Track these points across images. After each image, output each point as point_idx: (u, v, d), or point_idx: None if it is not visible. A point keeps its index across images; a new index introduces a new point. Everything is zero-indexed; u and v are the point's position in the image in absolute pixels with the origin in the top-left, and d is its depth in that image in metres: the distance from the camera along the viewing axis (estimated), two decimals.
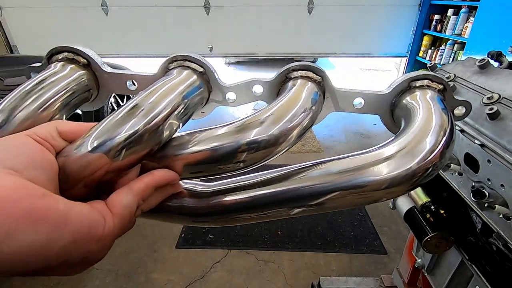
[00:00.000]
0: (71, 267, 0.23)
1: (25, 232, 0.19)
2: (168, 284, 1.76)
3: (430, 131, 0.30)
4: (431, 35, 3.75)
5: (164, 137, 0.29)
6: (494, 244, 0.58)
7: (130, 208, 0.26)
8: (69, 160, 0.25)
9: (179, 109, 0.31)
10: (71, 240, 0.21)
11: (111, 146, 0.25)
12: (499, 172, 0.54)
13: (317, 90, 0.36)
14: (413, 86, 0.36)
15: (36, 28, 3.87)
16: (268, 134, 0.30)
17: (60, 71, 0.35)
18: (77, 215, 0.22)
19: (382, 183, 0.29)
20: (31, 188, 0.21)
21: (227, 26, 3.91)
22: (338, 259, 1.91)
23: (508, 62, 0.68)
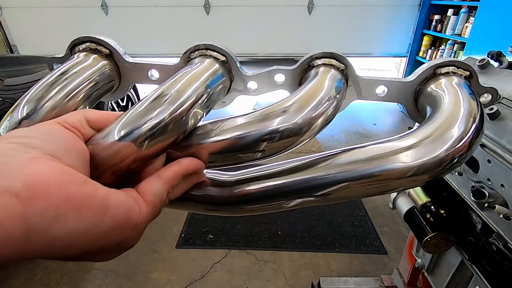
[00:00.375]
0: (108, 252, 0.23)
1: (70, 218, 0.19)
2: (168, 284, 1.76)
3: (459, 118, 0.29)
4: (431, 35, 3.75)
5: (189, 126, 0.29)
6: (494, 244, 0.58)
7: (161, 196, 0.26)
8: (98, 148, 0.25)
9: (203, 98, 0.31)
10: (111, 226, 0.21)
11: (139, 134, 0.26)
12: (499, 172, 0.54)
13: (341, 78, 0.35)
14: (439, 73, 0.35)
15: (36, 28, 3.87)
16: (292, 122, 0.29)
17: (84, 61, 0.35)
18: (116, 201, 0.22)
19: (407, 171, 0.28)
20: (73, 174, 0.21)
21: (227, 26, 3.91)
22: (338, 259, 1.91)
23: (508, 62, 0.68)
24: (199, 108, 0.30)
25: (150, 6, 3.76)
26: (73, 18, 3.83)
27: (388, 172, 0.28)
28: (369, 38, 4.01)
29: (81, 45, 0.37)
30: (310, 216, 2.26)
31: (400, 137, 0.30)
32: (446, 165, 0.28)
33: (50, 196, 0.19)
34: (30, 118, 0.29)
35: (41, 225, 0.18)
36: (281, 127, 0.29)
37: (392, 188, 0.30)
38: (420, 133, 0.29)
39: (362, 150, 0.31)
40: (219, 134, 0.30)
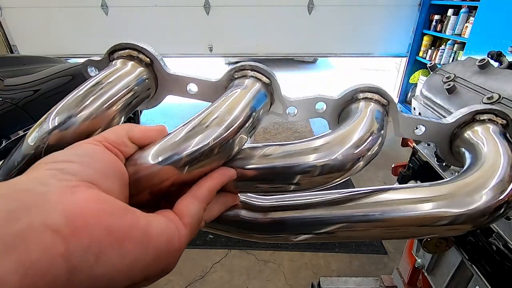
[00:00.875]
0: (149, 281, 0.22)
1: (113, 253, 0.18)
2: (168, 284, 1.76)
3: (499, 168, 0.30)
4: (431, 35, 3.75)
5: (233, 152, 0.29)
6: (494, 244, 0.58)
7: (198, 216, 0.25)
8: (137, 168, 0.25)
9: (249, 122, 0.30)
10: (154, 256, 0.20)
11: (180, 158, 0.25)
12: None
13: (383, 114, 0.35)
14: (478, 120, 0.36)
15: (36, 28, 3.87)
16: (333, 158, 0.29)
17: (122, 68, 0.34)
18: (157, 230, 0.21)
19: (444, 219, 0.28)
20: (113, 203, 0.20)
21: (227, 26, 3.90)
22: (338, 259, 1.91)
23: (508, 62, 0.68)
24: (244, 133, 0.29)
25: (150, 6, 3.75)
26: (73, 18, 3.82)
27: (428, 218, 0.28)
28: (369, 38, 4.00)
29: (121, 51, 0.36)
30: None
31: (442, 183, 0.30)
32: (489, 215, 0.28)
33: (91, 230, 0.17)
34: (63, 128, 0.27)
35: (84, 263, 0.17)
36: (322, 162, 0.28)
37: (428, 233, 0.30)
38: (463, 182, 0.29)
39: (404, 191, 0.30)
40: (262, 161, 0.29)
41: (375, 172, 2.75)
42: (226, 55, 4.58)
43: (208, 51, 4.07)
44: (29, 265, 0.15)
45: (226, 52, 4.20)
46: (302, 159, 0.28)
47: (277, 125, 3.82)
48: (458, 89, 0.68)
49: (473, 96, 0.63)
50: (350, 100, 0.37)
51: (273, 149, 0.30)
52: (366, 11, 3.81)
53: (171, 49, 4.06)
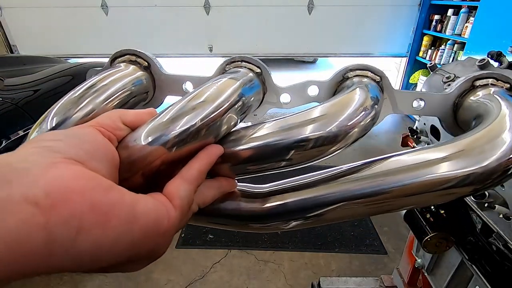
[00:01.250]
0: (136, 262, 0.22)
1: (96, 227, 0.18)
2: (168, 284, 1.76)
3: (508, 125, 0.28)
4: (431, 35, 3.75)
5: (222, 131, 0.29)
6: (494, 244, 0.58)
7: (188, 198, 0.25)
8: (128, 150, 0.25)
9: (238, 104, 0.30)
10: (140, 234, 0.20)
11: (169, 138, 0.25)
12: None
13: (377, 89, 0.35)
14: (477, 85, 0.35)
15: (36, 28, 3.87)
16: (326, 131, 0.28)
17: (123, 70, 0.36)
18: (143, 208, 0.21)
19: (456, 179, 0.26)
20: (97, 179, 0.20)
21: (227, 26, 3.90)
22: (338, 259, 1.91)
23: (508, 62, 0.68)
24: (234, 113, 0.29)
25: (150, 6, 3.75)
26: (73, 18, 3.82)
27: (438, 180, 0.27)
28: (369, 38, 4.01)
29: (121, 58, 0.38)
30: None
31: (449, 142, 0.29)
32: (499, 175, 0.26)
33: (73, 203, 0.17)
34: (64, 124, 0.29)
35: (65, 236, 0.17)
36: (316, 134, 0.28)
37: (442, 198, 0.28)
38: (469, 140, 0.28)
39: (407, 157, 0.29)
40: (254, 140, 0.28)
41: None
42: (226, 55, 4.58)
43: (208, 51, 4.08)
44: (7, 233, 0.15)
45: (226, 52, 4.20)
46: (296, 133, 0.28)
47: None
48: None
49: None
50: (342, 80, 0.37)
51: (264, 126, 0.29)
52: (366, 11, 3.82)
53: (171, 49, 4.06)
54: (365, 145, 3.31)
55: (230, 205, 0.32)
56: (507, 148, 0.26)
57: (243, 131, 0.30)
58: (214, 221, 0.33)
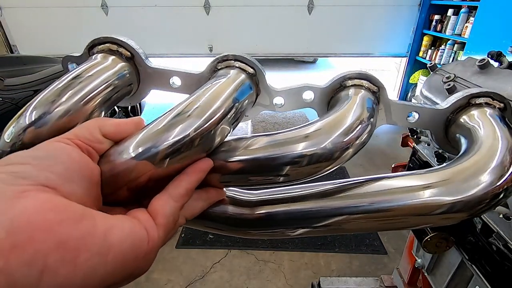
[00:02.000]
0: (117, 285, 0.21)
1: (63, 267, 0.16)
2: (168, 284, 1.76)
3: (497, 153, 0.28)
4: (431, 35, 3.75)
5: (215, 143, 0.27)
6: (494, 244, 0.58)
7: (173, 216, 0.24)
8: (112, 164, 0.24)
9: (231, 113, 0.28)
10: (116, 264, 0.19)
11: (156, 152, 0.24)
12: None
13: (373, 101, 0.33)
14: (473, 103, 0.34)
15: (36, 28, 3.87)
16: (321, 147, 0.27)
17: (102, 63, 0.32)
18: (119, 235, 0.19)
19: (440, 207, 0.26)
20: (68, 208, 0.18)
21: (227, 26, 3.90)
22: (338, 259, 1.91)
23: (508, 62, 0.68)
24: (226, 124, 0.28)
25: (150, 6, 3.75)
26: (73, 18, 3.82)
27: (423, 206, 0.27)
28: (369, 38, 4.00)
29: (101, 46, 0.34)
30: None
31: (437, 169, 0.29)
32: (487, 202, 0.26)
33: (37, 243, 0.16)
34: (39, 124, 0.26)
35: (27, 280, 0.15)
36: (311, 151, 0.27)
37: (422, 223, 0.28)
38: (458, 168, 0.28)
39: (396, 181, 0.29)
40: (246, 153, 0.27)
41: (376, 172, 2.75)
42: None
43: (208, 51, 4.07)
44: None
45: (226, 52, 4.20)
46: (288, 149, 0.27)
47: (277, 125, 3.82)
48: (458, 89, 0.68)
49: None
50: (339, 88, 0.36)
51: (257, 139, 0.28)
52: (366, 11, 3.82)
53: (171, 49, 4.06)
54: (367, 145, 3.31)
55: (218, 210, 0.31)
56: (494, 177, 0.26)
57: (236, 142, 0.29)
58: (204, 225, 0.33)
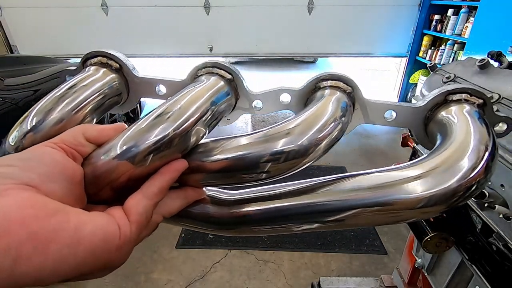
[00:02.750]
0: (92, 274, 0.23)
1: (34, 255, 0.19)
2: (168, 284, 1.76)
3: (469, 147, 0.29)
4: (431, 35, 3.75)
5: (190, 144, 0.29)
6: (494, 244, 0.58)
7: (146, 213, 0.26)
8: (94, 166, 0.26)
9: (207, 115, 0.31)
10: (86, 255, 0.21)
11: (136, 153, 0.26)
12: (499, 172, 0.54)
13: (347, 100, 0.35)
14: (450, 100, 0.35)
15: (36, 28, 3.87)
16: (297, 144, 0.28)
17: (93, 75, 0.36)
18: (91, 228, 0.22)
19: (416, 202, 0.27)
20: (43, 205, 0.20)
21: (227, 26, 3.90)
22: (338, 259, 1.91)
23: (508, 62, 0.68)
24: (202, 125, 0.30)
25: (150, 6, 3.75)
26: (73, 18, 3.82)
27: (396, 202, 0.27)
28: (369, 38, 4.00)
29: (93, 59, 0.37)
30: None
31: (409, 166, 0.29)
32: (461, 195, 0.27)
33: (11, 234, 0.18)
34: (36, 130, 0.29)
35: (3, 265, 0.18)
36: (286, 148, 0.28)
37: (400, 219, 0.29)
38: (431, 162, 0.28)
39: (368, 177, 0.30)
40: (221, 153, 0.29)
41: None
42: (226, 55, 4.58)
43: (208, 51, 4.07)
44: None
45: (226, 52, 4.20)
46: (263, 148, 0.28)
47: None
48: None
49: None
50: (314, 89, 0.37)
51: (233, 140, 0.30)
52: (366, 11, 3.82)
53: (171, 49, 4.06)
54: (365, 145, 3.31)
55: (196, 209, 0.33)
56: (467, 169, 0.27)
57: (212, 143, 0.30)
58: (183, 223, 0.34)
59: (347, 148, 3.24)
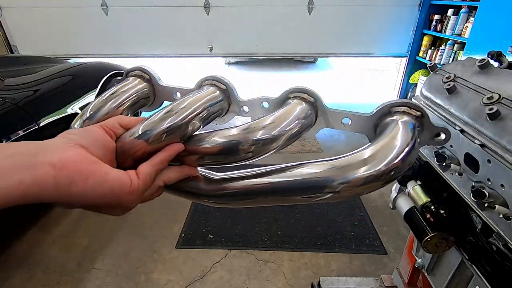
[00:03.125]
0: (112, 208, 0.35)
1: (80, 182, 0.31)
2: (168, 284, 1.76)
3: (396, 145, 0.37)
4: (431, 35, 3.75)
5: (188, 132, 0.40)
6: (494, 244, 0.58)
7: (150, 175, 0.37)
8: (122, 143, 0.39)
9: (202, 113, 0.43)
10: (107, 190, 0.33)
11: (150, 136, 0.38)
12: (499, 172, 0.54)
13: (309, 109, 0.44)
14: (394, 111, 0.42)
15: (36, 28, 3.87)
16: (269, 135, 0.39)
17: (131, 83, 0.51)
18: (114, 176, 0.34)
19: (359, 181, 0.36)
20: (88, 157, 0.33)
21: (227, 26, 3.91)
22: (338, 259, 1.91)
23: (508, 62, 0.68)
24: (197, 120, 0.42)
25: (150, 6, 3.75)
26: (73, 18, 3.82)
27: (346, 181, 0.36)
28: (369, 38, 4.01)
29: (133, 72, 0.52)
30: (310, 216, 2.26)
31: (350, 155, 0.38)
32: (387, 175, 0.36)
33: (70, 169, 0.30)
34: (91, 118, 0.45)
35: (64, 184, 0.30)
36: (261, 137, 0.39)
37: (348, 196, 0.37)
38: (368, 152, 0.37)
39: (322, 163, 0.38)
40: (211, 141, 0.40)
41: None
42: (226, 55, 4.58)
43: (208, 51, 4.08)
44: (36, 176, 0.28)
45: (226, 52, 4.21)
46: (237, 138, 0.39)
47: None
48: (458, 89, 0.68)
49: (473, 96, 0.63)
50: (286, 100, 0.47)
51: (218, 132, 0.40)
52: (366, 11, 3.82)
53: (171, 49, 4.06)
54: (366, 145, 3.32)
55: (191, 184, 0.44)
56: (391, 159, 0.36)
57: (205, 134, 0.41)
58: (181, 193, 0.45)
59: (347, 148, 3.24)
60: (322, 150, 3.20)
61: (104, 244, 2.04)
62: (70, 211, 2.32)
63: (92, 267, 1.87)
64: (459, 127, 0.64)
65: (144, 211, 2.33)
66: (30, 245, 2.03)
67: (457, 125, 0.64)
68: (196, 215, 2.28)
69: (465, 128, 0.62)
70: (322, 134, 3.51)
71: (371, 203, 2.38)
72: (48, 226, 2.18)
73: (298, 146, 3.23)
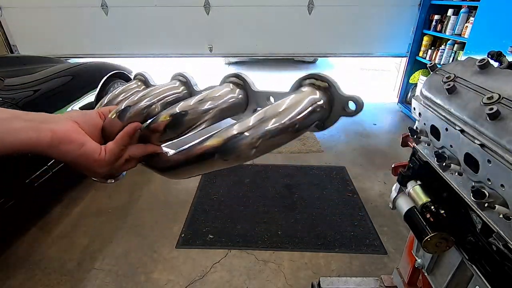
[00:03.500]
0: (85, 170, 0.44)
1: (65, 143, 0.41)
2: (168, 284, 1.76)
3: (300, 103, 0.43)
4: (431, 35, 3.75)
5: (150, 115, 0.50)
6: (494, 244, 0.58)
7: (113, 149, 0.45)
8: (104, 122, 0.49)
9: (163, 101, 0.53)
10: (81, 153, 0.42)
11: (122, 116, 0.49)
12: (499, 172, 0.54)
13: (240, 93, 0.52)
14: (303, 84, 0.46)
15: (36, 28, 3.88)
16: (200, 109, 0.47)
17: (133, 84, 0.62)
18: (88, 145, 0.43)
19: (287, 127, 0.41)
20: (77, 129, 0.43)
21: (227, 26, 3.91)
22: (338, 259, 1.91)
23: (508, 62, 0.68)
24: (155, 106, 0.52)
25: (150, 6, 3.75)
26: (73, 18, 3.83)
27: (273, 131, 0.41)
28: (369, 38, 4.01)
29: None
30: (310, 216, 2.26)
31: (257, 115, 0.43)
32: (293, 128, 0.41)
33: (61, 134, 0.41)
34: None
35: (55, 143, 0.40)
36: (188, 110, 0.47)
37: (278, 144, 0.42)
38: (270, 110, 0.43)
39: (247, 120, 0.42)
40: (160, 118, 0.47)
41: (375, 172, 2.75)
42: (226, 55, 4.58)
43: (208, 51, 4.08)
44: (40, 136, 0.39)
45: (226, 52, 4.21)
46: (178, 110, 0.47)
47: None
48: (458, 89, 0.68)
49: (473, 96, 0.63)
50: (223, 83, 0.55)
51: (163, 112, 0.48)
52: (366, 11, 3.82)
53: (171, 49, 4.06)
54: (365, 145, 3.31)
55: (155, 158, 0.51)
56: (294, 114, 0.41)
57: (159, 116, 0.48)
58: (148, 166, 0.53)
59: (347, 148, 3.24)
60: (322, 150, 3.20)
61: (104, 244, 2.04)
62: (70, 211, 2.32)
63: (92, 267, 1.87)
64: (459, 127, 0.64)
65: (144, 211, 2.33)
66: (30, 245, 2.03)
67: (457, 125, 0.64)
68: (196, 215, 2.28)
69: (465, 128, 0.62)
70: (323, 134, 3.51)
71: (371, 203, 2.38)
72: (48, 226, 2.18)
73: (298, 146, 3.23)
